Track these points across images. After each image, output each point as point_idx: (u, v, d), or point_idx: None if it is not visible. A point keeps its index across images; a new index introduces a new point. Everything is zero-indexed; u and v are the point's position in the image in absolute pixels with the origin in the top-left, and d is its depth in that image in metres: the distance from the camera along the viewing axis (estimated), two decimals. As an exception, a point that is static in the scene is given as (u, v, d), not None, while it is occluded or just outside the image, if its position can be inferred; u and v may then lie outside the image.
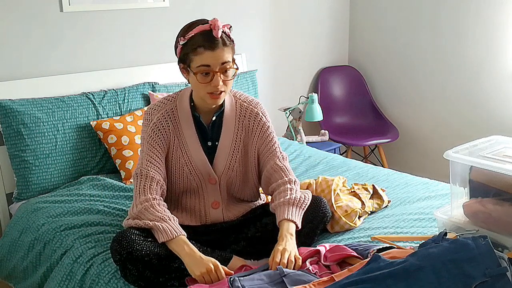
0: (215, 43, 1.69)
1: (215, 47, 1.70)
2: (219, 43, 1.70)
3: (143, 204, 1.74)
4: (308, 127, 3.86)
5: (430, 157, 3.76)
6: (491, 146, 1.72)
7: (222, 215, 1.91)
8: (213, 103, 1.78)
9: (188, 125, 1.86)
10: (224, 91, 1.76)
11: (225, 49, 1.72)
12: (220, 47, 1.71)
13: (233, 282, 1.48)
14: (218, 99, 1.77)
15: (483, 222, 1.59)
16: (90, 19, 2.78)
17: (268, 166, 1.90)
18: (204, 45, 1.69)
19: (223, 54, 1.71)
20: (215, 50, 1.70)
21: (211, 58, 1.70)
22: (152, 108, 1.88)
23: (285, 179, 1.87)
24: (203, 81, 1.73)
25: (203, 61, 1.71)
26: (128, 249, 1.61)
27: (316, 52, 3.94)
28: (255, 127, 1.91)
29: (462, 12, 3.44)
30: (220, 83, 1.72)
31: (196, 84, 1.75)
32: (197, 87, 1.77)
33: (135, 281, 1.63)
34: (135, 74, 2.90)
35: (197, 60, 1.71)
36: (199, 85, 1.74)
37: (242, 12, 3.42)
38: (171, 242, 1.63)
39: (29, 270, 2.12)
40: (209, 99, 1.77)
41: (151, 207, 1.72)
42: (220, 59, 1.71)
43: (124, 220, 1.81)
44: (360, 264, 1.48)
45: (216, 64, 1.71)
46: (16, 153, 2.40)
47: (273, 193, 1.88)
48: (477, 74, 3.46)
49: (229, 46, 1.74)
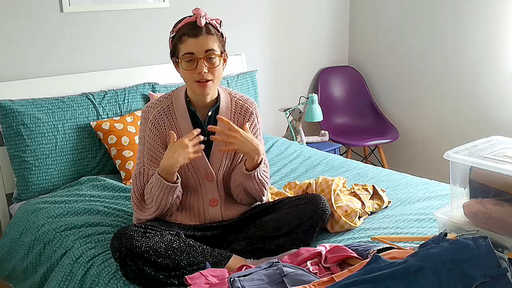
0: (198, 30, 1.75)
1: (198, 34, 1.75)
2: (203, 31, 1.76)
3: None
4: (308, 127, 3.86)
5: (430, 158, 3.76)
6: (491, 146, 1.71)
7: (220, 213, 1.92)
8: (201, 92, 1.81)
9: (184, 121, 1.88)
10: (211, 80, 1.79)
11: (209, 37, 1.77)
12: (204, 35, 1.76)
13: (233, 282, 1.48)
14: (206, 87, 1.80)
15: (483, 223, 1.59)
16: (90, 19, 2.79)
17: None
18: (188, 33, 1.76)
19: (207, 41, 1.76)
20: (198, 37, 1.75)
21: (194, 45, 1.75)
22: (149, 106, 1.91)
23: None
24: (188, 68, 1.78)
25: (187, 48, 1.76)
26: (128, 246, 1.62)
27: (316, 52, 3.94)
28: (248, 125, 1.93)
29: (462, 12, 3.44)
30: (204, 70, 1.76)
31: (184, 73, 1.80)
32: (185, 77, 1.82)
33: (135, 278, 1.64)
34: (135, 74, 2.90)
35: (182, 48, 1.77)
36: (186, 73, 1.79)
37: (242, 12, 3.42)
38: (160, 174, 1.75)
39: (29, 270, 2.12)
40: (197, 88, 1.80)
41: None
42: (204, 46, 1.76)
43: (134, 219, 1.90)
44: (360, 264, 1.48)
45: (200, 51, 1.76)
46: (16, 154, 2.40)
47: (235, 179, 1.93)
48: (477, 74, 3.46)
49: (213, 35, 1.78)
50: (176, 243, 1.68)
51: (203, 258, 1.68)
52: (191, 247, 1.69)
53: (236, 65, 3.31)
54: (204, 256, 1.69)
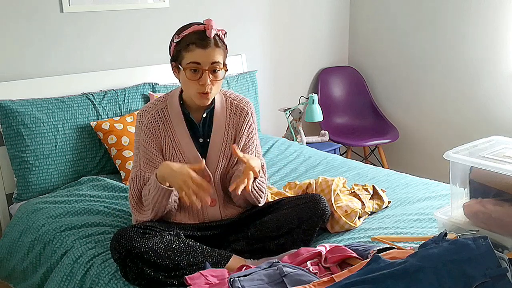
0: (207, 42, 1.74)
1: (207, 45, 1.74)
2: (211, 43, 1.75)
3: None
4: (308, 127, 3.86)
5: (430, 158, 3.76)
6: (491, 146, 1.71)
7: (219, 213, 1.92)
8: (201, 103, 1.82)
9: (179, 123, 1.88)
10: (212, 92, 1.79)
11: (216, 50, 1.76)
12: (212, 47, 1.75)
13: (233, 282, 1.48)
14: (206, 99, 1.80)
15: (483, 223, 1.59)
16: (90, 19, 2.79)
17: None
18: (196, 43, 1.74)
19: (214, 54, 1.76)
20: (206, 48, 1.74)
21: (201, 56, 1.74)
22: (144, 110, 1.91)
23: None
24: (192, 77, 1.76)
25: (193, 58, 1.75)
26: (127, 247, 1.62)
27: (316, 52, 3.94)
28: (244, 126, 1.94)
29: (462, 12, 3.44)
30: (208, 82, 1.75)
31: (185, 81, 1.79)
32: (186, 85, 1.80)
33: (135, 279, 1.64)
34: (135, 74, 2.90)
35: (188, 56, 1.76)
36: (188, 82, 1.78)
37: (242, 12, 3.42)
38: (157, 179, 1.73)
39: (29, 270, 2.12)
40: (198, 99, 1.80)
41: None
42: (211, 58, 1.75)
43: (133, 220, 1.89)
44: (360, 264, 1.48)
45: (206, 62, 1.75)
46: (16, 154, 2.40)
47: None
48: (477, 74, 3.46)
49: (220, 48, 1.78)
50: (175, 244, 1.68)
51: (203, 258, 1.68)
52: (191, 247, 1.69)
53: (236, 65, 3.31)
54: (204, 256, 1.69)
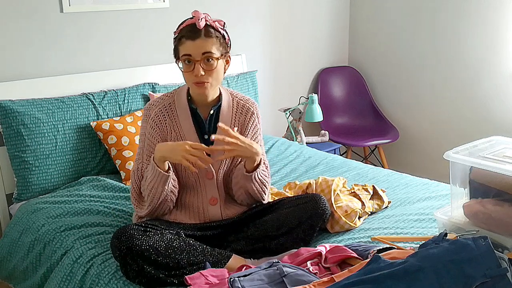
0: (196, 33, 1.77)
1: (196, 37, 1.77)
2: (201, 33, 1.77)
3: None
4: (308, 127, 3.86)
5: (430, 158, 3.76)
6: (491, 146, 1.71)
7: (220, 212, 1.92)
8: (199, 92, 1.84)
9: (185, 118, 1.89)
10: (209, 82, 1.80)
11: (207, 40, 1.78)
12: (202, 37, 1.77)
13: (233, 282, 1.48)
14: (204, 88, 1.82)
15: (483, 223, 1.59)
16: (90, 19, 2.79)
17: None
18: (186, 35, 1.78)
19: (204, 44, 1.77)
20: (195, 40, 1.77)
21: (191, 47, 1.77)
22: (151, 103, 1.93)
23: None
24: (186, 69, 1.80)
25: (185, 50, 1.78)
26: (128, 244, 1.62)
27: (316, 52, 3.94)
28: (249, 126, 1.95)
29: (462, 12, 3.44)
30: (200, 72, 1.77)
31: (184, 74, 1.83)
32: (185, 78, 1.84)
33: (135, 277, 1.64)
34: (135, 74, 2.90)
35: (181, 49, 1.80)
36: (185, 74, 1.82)
37: (242, 12, 3.42)
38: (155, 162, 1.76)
39: (29, 270, 2.12)
40: (196, 89, 1.83)
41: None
42: (201, 48, 1.77)
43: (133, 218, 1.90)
44: (360, 264, 1.48)
45: (197, 53, 1.77)
46: (16, 154, 2.40)
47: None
48: (477, 74, 3.46)
49: (212, 38, 1.79)
50: (176, 242, 1.68)
51: (203, 257, 1.68)
52: (191, 246, 1.70)
53: (236, 65, 3.31)
54: (204, 255, 1.69)
